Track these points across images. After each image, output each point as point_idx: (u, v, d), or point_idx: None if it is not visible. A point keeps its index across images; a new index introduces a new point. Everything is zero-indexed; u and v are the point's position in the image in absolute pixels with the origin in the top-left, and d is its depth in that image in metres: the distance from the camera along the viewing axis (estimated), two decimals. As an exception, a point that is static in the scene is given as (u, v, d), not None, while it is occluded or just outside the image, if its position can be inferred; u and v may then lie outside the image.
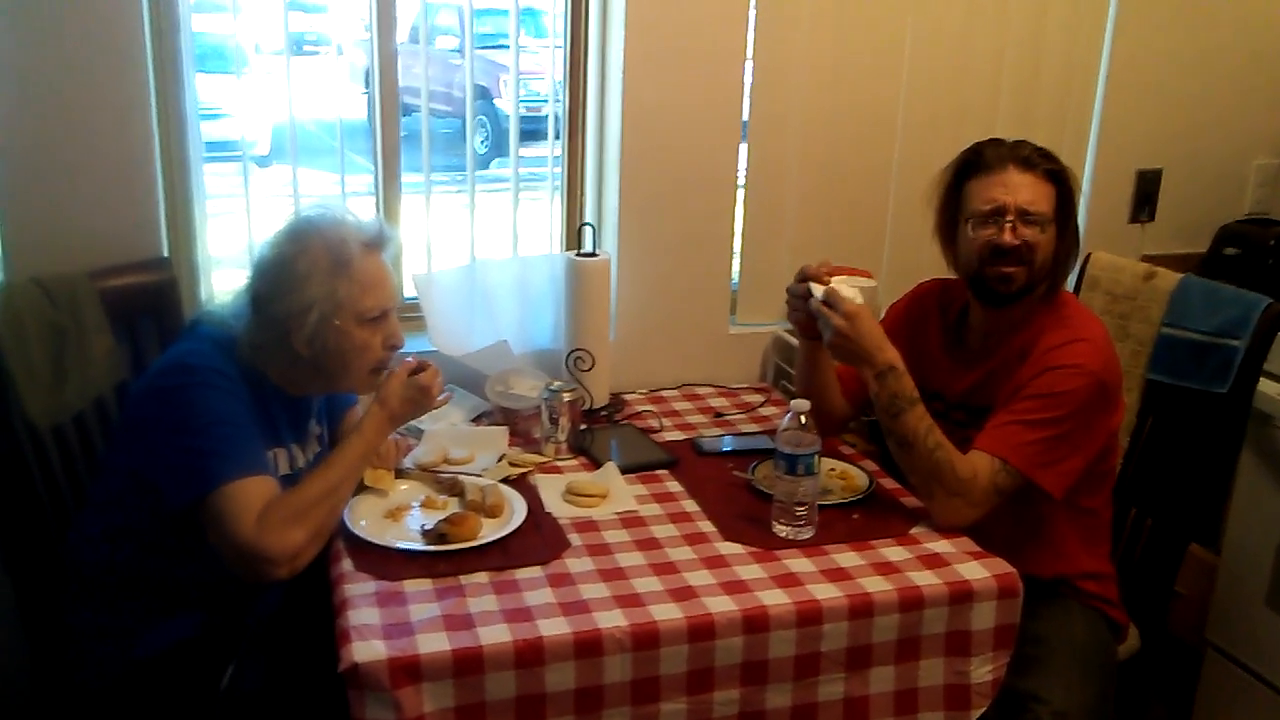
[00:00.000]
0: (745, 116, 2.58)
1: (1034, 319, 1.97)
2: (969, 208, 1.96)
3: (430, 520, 1.83)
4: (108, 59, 2.11)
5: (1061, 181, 1.95)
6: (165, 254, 2.26)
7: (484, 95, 7.22)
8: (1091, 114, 2.86)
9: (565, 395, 2.16)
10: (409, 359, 1.89)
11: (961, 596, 1.71)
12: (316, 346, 1.75)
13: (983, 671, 1.74)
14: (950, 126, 2.66)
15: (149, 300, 2.15)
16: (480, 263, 2.53)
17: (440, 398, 1.89)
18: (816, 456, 1.82)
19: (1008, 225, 1.91)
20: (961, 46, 2.69)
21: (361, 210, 1.87)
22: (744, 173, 2.62)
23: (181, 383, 1.70)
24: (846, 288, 1.91)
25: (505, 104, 4.75)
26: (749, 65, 2.54)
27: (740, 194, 2.63)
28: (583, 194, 2.63)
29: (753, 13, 2.52)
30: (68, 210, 2.15)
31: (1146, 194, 2.94)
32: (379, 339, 1.81)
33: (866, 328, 1.87)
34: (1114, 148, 2.88)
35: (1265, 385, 2.34)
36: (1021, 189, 1.91)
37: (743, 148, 2.60)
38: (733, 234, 2.65)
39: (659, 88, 2.47)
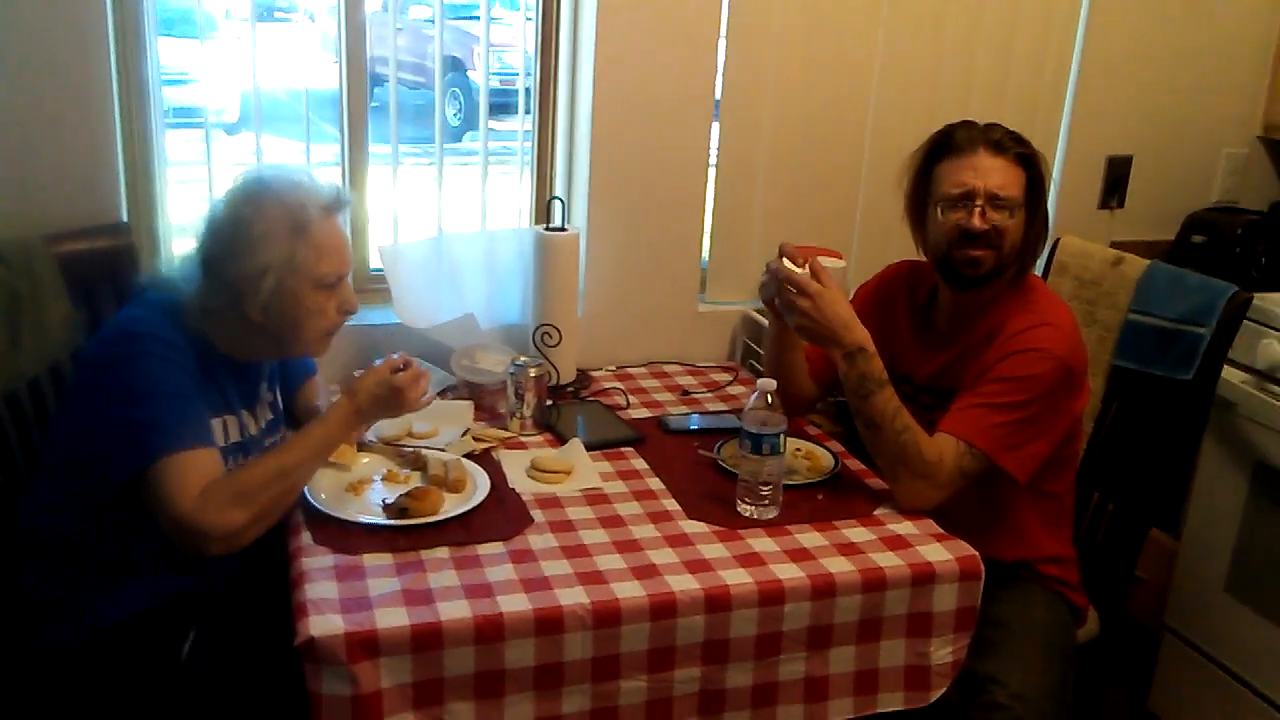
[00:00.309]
0: (718, 95, 2.56)
1: (1001, 303, 1.97)
2: (938, 191, 1.95)
3: (392, 494, 1.81)
4: (66, 20, 2.06)
5: (1032, 165, 1.94)
6: (125, 219, 2.22)
7: (457, 67, 7.12)
8: (1064, 98, 2.86)
9: (531, 370, 2.13)
10: (394, 356, 1.87)
11: (923, 578, 1.71)
12: (271, 310, 1.72)
13: (943, 653, 1.75)
14: (923, 109, 2.65)
15: (107, 266, 2.10)
16: (447, 235, 2.50)
17: (424, 399, 1.87)
18: (782, 436, 1.81)
19: (976, 209, 1.90)
20: (935, 28, 2.68)
21: (317, 173, 1.84)
22: (715, 151, 2.60)
23: (124, 351, 1.67)
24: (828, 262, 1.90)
25: (478, 76, 4.71)
26: (722, 43, 2.52)
27: (712, 172, 2.61)
28: (553, 168, 2.60)
29: (727, -11, 2.49)
30: (24, 173, 2.10)
31: (1116, 180, 2.95)
32: (333, 304, 1.79)
33: (833, 308, 1.86)
34: (1085, 133, 2.88)
35: (1229, 373, 2.37)
36: (992, 173, 1.90)
37: (715, 126, 2.57)
38: (703, 212, 2.63)
39: (632, 63, 2.44)
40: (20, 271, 1.94)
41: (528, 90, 2.55)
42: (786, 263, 1.90)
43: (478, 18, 2.54)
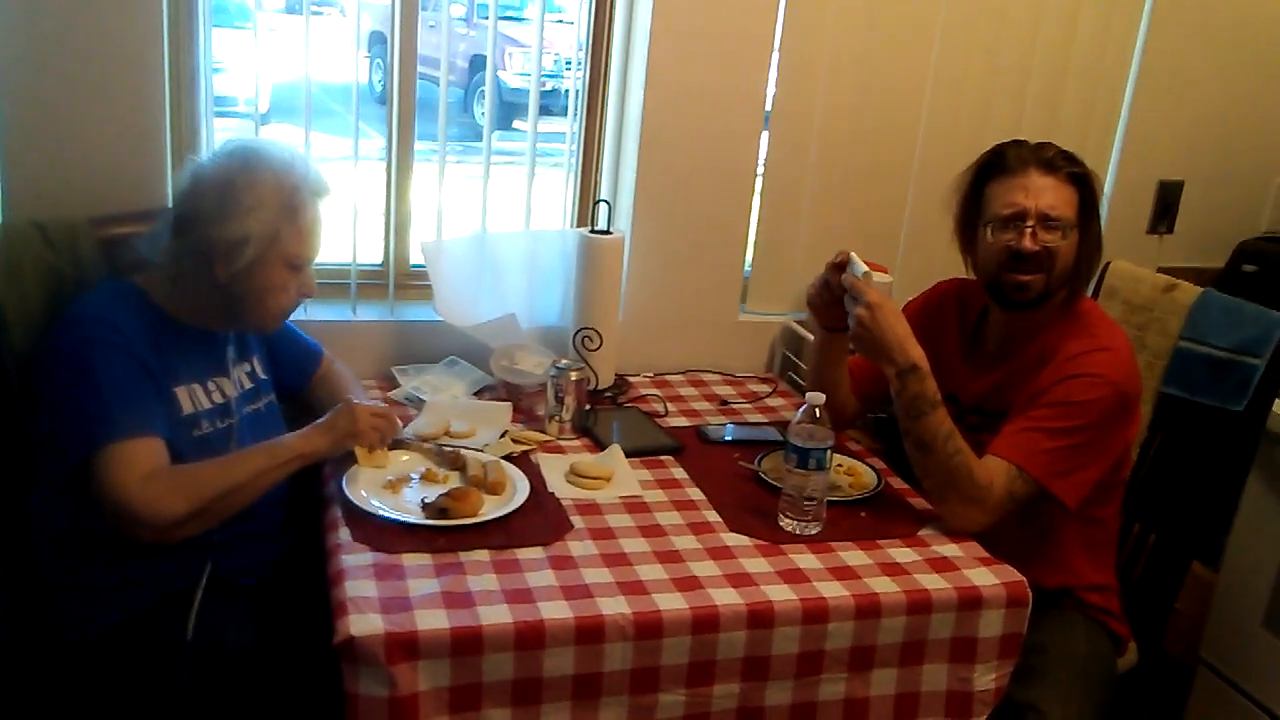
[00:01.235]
0: (769, 105, 2.53)
1: (1056, 325, 1.93)
2: (989, 211, 1.92)
3: (431, 493, 1.79)
4: (121, 6, 2.06)
5: (1085, 185, 1.90)
6: (169, 205, 2.20)
7: (486, 66, 7.13)
8: (1117, 121, 2.83)
9: (573, 374, 2.11)
10: (379, 404, 1.96)
11: (970, 603, 1.68)
12: (239, 278, 1.74)
13: (986, 679, 1.72)
14: (973, 127, 2.62)
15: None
16: (490, 234, 2.48)
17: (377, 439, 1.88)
18: (829, 452, 1.78)
19: (1028, 230, 1.86)
20: (990, 47, 2.65)
21: (300, 150, 1.89)
22: (763, 161, 2.58)
23: (72, 339, 1.69)
24: (869, 277, 1.87)
25: (507, 77, 4.71)
26: (776, 54, 2.50)
27: (758, 182, 2.58)
28: (599, 171, 2.58)
29: (782, 2, 2.47)
30: (72, 156, 2.10)
31: (1167, 205, 2.91)
32: (295, 285, 1.81)
33: (892, 320, 1.83)
34: (1137, 157, 2.85)
35: (1280, 405, 2.32)
36: (1044, 192, 1.87)
37: (764, 136, 2.55)
38: (748, 221, 2.61)
39: (684, 70, 2.42)
40: (65, 253, 1.93)
41: (577, 91, 2.52)
42: (855, 265, 1.87)
43: (511, 19, 2.52)
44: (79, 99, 2.08)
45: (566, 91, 2.56)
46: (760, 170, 2.58)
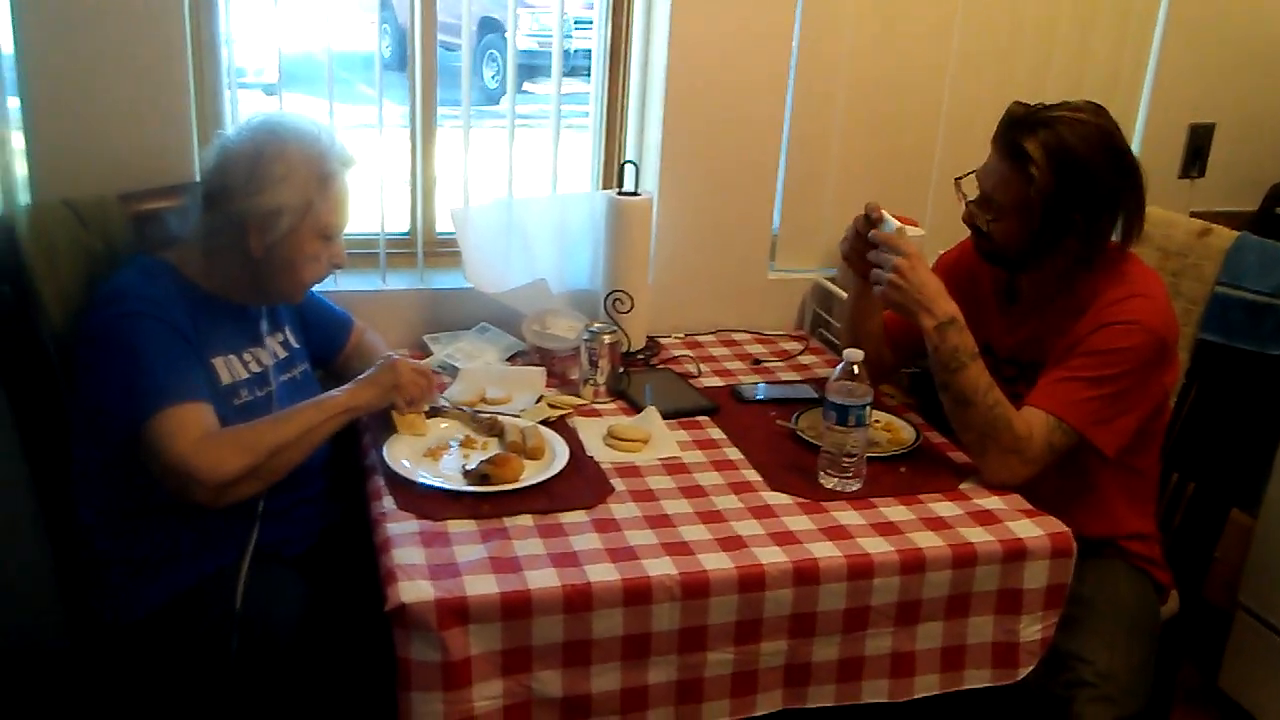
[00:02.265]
0: (793, 60, 2.50)
1: (1092, 274, 1.91)
2: None
3: (471, 460, 1.80)
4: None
5: (1026, 168, 1.80)
6: (197, 179, 2.20)
7: (494, 28, 7.01)
8: (1146, 64, 2.78)
9: (606, 337, 2.11)
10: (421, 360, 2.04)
11: (1014, 554, 1.68)
12: (273, 250, 1.75)
13: (1032, 630, 1.72)
14: (1001, 72, 2.59)
15: (180, 225, 2.09)
16: (517, 199, 2.46)
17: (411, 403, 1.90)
18: (867, 408, 1.78)
19: (968, 207, 1.90)
20: (1017, -7, 2.61)
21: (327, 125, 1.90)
22: (789, 117, 2.55)
23: (109, 315, 1.70)
24: (904, 231, 1.86)
25: (517, 38, 4.61)
26: (799, 7, 2.46)
27: (785, 137, 2.56)
28: (624, 131, 2.56)
29: (806, -48, 2.44)
30: (99, 133, 2.09)
31: (1198, 149, 2.87)
32: (327, 255, 1.82)
33: (926, 274, 1.82)
34: (1167, 100, 2.80)
35: (1319, 349, 2.30)
36: (988, 175, 1.88)
37: (789, 87, 2.52)
38: (775, 178, 2.58)
39: (707, 25, 2.39)
40: (97, 231, 1.93)
41: (573, 52, 2.46)
42: (887, 222, 1.87)
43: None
44: (103, 76, 2.07)
45: (579, 52, 2.53)
46: (786, 125, 2.55)
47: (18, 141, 2.09)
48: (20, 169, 2.10)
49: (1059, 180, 1.80)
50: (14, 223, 1.84)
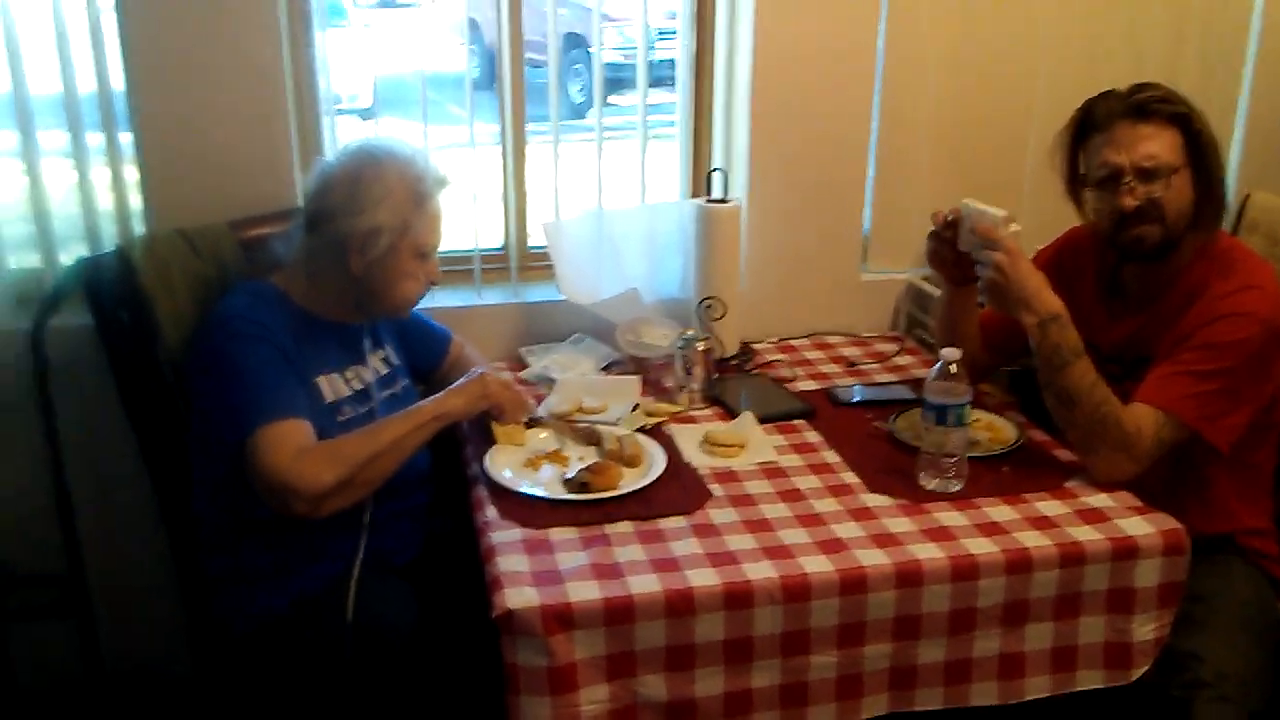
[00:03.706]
0: (880, 60, 2.49)
1: (1197, 264, 1.87)
2: (1088, 173, 1.89)
3: (571, 469, 1.82)
4: (242, 15, 2.13)
5: (1185, 122, 1.82)
6: (300, 204, 2.28)
7: (578, 44, 7.12)
8: (1248, 43, 2.69)
9: (699, 344, 2.12)
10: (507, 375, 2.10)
11: (1125, 553, 1.64)
12: (372, 268, 1.81)
13: (1145, 630, 1.68)
14: (1094, 62, 2.53)
15: (286, 250, 2.17)
16: (608, 210, 2.49)
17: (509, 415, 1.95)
18: (966, 407, 1.76)
19: (1124, 188, 1.81)
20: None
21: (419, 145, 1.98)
22: (877, 118, 2.53)
23: (218, 338, 1.78)
24: (1009, 223, 1.83)
25: (603, 52, 4.69)
26: (884, 5, 2.45)
27: (874, 138, 2.55)
28: (710, 139, 2.57)
29: (888, -50, 2.42)
30: (207, 164, 2.18)
31: (1307, 130, 2.76)
32: (424, 273, 1.88)
33: (1028, 268, 1.79)
34: (1270, 82, 2.70)
35: None
36: (1136, 144, 1.81)
37: (876, 88, 2.50)
38: (865, 180, 2.57)
39: (792, 28, 2.39)
40: (210, 259, 2.01)
41: (657, 62, 2.47)
42: (988, 212, 1.84)
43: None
44: (208, 109, 2.16)
45: (662, 62, 2.55)
46: (874, 126, 2.54)
47: (131, 175, 2.19)
48: (135, 201, 2.20)
49: (1209, 134, 1.83)
50: (131, 252, 1.93)
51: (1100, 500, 1.75)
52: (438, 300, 2.35)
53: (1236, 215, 2.38)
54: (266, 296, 1.85)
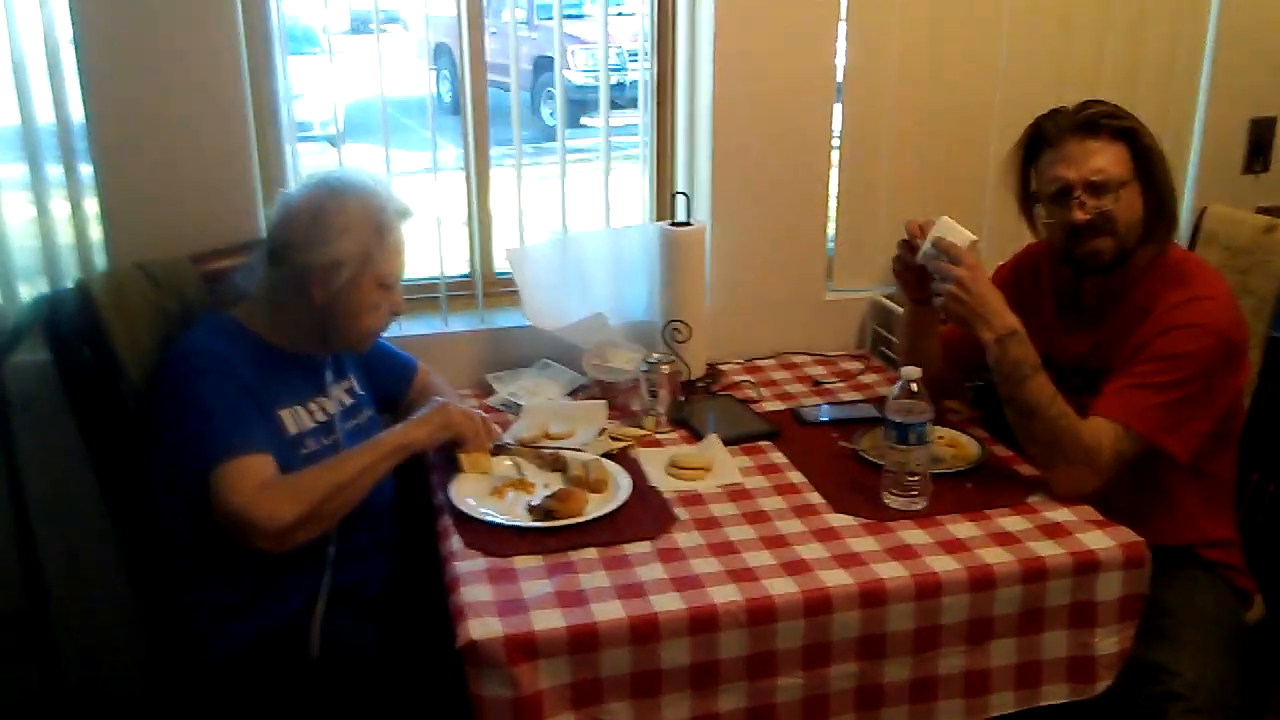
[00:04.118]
0: (840, 77, 2.51)
1: (1151, 277, 1.89)
2: (1039, 189, 1.92)
3: (536, 496, 1.82)
4: (202, 43, 2.12)
5: (1132, 137, 1.86)
6: (263, 236, 2.27)
7: (550, 66, 7.16)
8: (1202, 60, 2.73)
9: (665, 368, 2.13)
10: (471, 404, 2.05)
11: (1086, 567, 1.66)
12: (335, 300, 1.81)
13: (1109, 643, 1.69)
14: (1053, 78, 2.57)
15: (249, 282, 2.16)
16: (572, 235, 2.50)
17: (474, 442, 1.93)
18: (928, 425, 1.77)
19: (1075, 202, 1.84)
20: (1066, -4, 2.59)
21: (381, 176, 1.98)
22: (838, 136, 2.56)
23: (179, 371, 1.78)
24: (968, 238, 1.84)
25: (572, 74, 4.73)
26: (843, 26, 2.47)
27: (835, 156, 2.56)
28: (674, 162, 2.59)
29: (846, -30, 2.45)
30: (168, 198, 2.17)
31: (1260, 143, 2.81)
32: (387, 304, 1.88)
33: (987, 286, 1.81)
34: (1226, 95, 2.75)
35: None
36: (1084, 159, 1.84)
37: (837, 109, 2.53)
38: (828, 198, 2.59)
39: (752, 51, 2.41)
40: (171, 292, 2.00)
41: (629, 84, 2.51)
42: (952, 228, 1.86)
43: (571, 16, 2.52)
44: (170, 141, 2.15)
45: (633, 84, 2.57)
46: (836, 145, 2.56)
47: (91, 207, 2.18)
48: (95, 234, 2.19)
49: (1156, 148, 1.86)
50: (91, 287, 1.91)
51: (1061, 515, 1.76)
52: (405, 329, 2.35)
53: (1194, 228, 2.41)
54: (227, 330, 1.84)
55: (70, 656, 2.26)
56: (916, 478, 1.78)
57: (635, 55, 2.69)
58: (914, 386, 1.76)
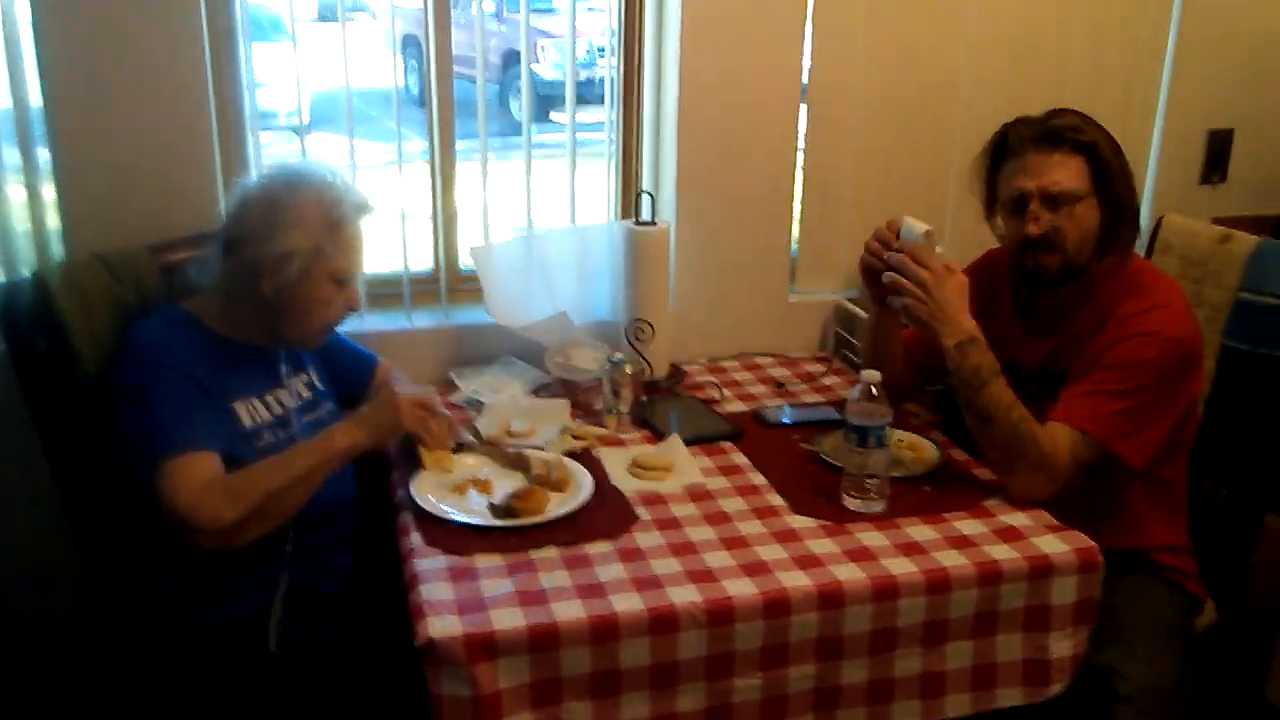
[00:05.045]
0: (805, 79, 2.52)
1: (1110, 285, 1.92)
2: (1000, 197, 1.95)
3: (497, 494, 1.82)
4: (162, 31, 2.10)
5: (1093, 151, 1.88)
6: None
7: (520, 60, 7.15)
8: (1161, 73, 2.78)
9: (627, 367, 2.13)
10: (422, 390, 2.00)
11: (1041, 571, 1.68)
12: (284, 294, 1.79)
13: (1063, 646, 1.71)
14: (1015, 86, 2.59)
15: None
16: (537, 233, 2.49)
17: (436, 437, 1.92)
18: (888, 429, 1.78)
19: (1030, 214, 1.87)
20: (1028, 3, 2.61)
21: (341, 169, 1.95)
22: (803, 139, 2.57)
23: (127, 366, 1.76)
24: (931, 238, 1.86)
25: (541, 69, 4.71)
26: (809, 27, 2.48)
27: (800, 159, 2.58)
28: (639, 160, 2.59)
29: (813, -28, 2.46)
30: (127, 185, 2.14)
31: (1218, 154, 2.86)
32: (342, 299, 1.85)
33: (951, 291, 1.82)
34: (1184, 107, 2.80)
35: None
36: (1043, 171, 1.87)
37: (803, 111, 2.54)
38: (792, 201, 2.60)
39: (718, 51, 2.42)
40: (129, 283, 1.97)
41: (599, 80, 2.51)
42: (915, 228, 1.87)
43: (541, 10, 2.51)
44: (130, 128, 2.12)
45: (602, 80, 2.57)
46: (801, 147, 2.57)
47: (49, 194, 2.15)
48: (53, 222, 2.16)
49: (1117, 161, 1.88)
50: (48, 279, 1.88)
51: (1017, 519, 1.78)
52: (367, 324, 2.34)
53: (1150, 237, 2.44)
54: (178, 321, 1.82)
55: (22, 650, 2.23)
56: (875, 480, 1.80)
57: (605, 51, 2.70)
58: (874, 390, 1.77)
